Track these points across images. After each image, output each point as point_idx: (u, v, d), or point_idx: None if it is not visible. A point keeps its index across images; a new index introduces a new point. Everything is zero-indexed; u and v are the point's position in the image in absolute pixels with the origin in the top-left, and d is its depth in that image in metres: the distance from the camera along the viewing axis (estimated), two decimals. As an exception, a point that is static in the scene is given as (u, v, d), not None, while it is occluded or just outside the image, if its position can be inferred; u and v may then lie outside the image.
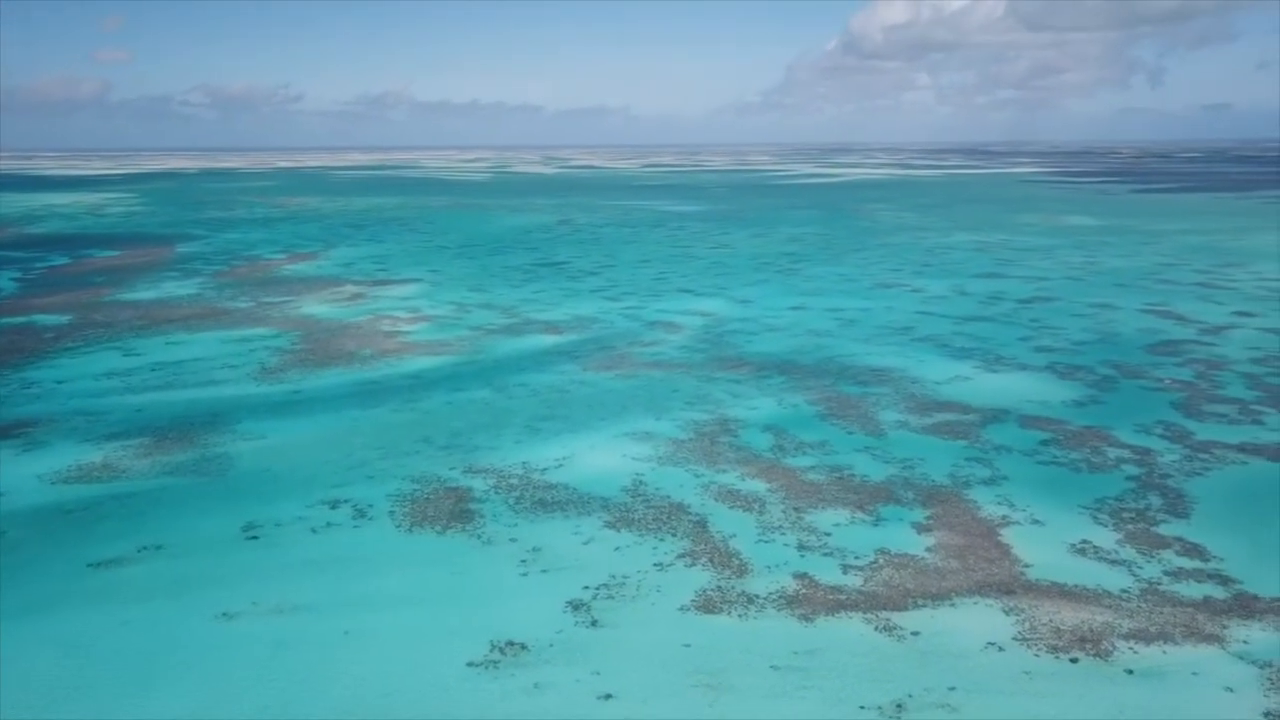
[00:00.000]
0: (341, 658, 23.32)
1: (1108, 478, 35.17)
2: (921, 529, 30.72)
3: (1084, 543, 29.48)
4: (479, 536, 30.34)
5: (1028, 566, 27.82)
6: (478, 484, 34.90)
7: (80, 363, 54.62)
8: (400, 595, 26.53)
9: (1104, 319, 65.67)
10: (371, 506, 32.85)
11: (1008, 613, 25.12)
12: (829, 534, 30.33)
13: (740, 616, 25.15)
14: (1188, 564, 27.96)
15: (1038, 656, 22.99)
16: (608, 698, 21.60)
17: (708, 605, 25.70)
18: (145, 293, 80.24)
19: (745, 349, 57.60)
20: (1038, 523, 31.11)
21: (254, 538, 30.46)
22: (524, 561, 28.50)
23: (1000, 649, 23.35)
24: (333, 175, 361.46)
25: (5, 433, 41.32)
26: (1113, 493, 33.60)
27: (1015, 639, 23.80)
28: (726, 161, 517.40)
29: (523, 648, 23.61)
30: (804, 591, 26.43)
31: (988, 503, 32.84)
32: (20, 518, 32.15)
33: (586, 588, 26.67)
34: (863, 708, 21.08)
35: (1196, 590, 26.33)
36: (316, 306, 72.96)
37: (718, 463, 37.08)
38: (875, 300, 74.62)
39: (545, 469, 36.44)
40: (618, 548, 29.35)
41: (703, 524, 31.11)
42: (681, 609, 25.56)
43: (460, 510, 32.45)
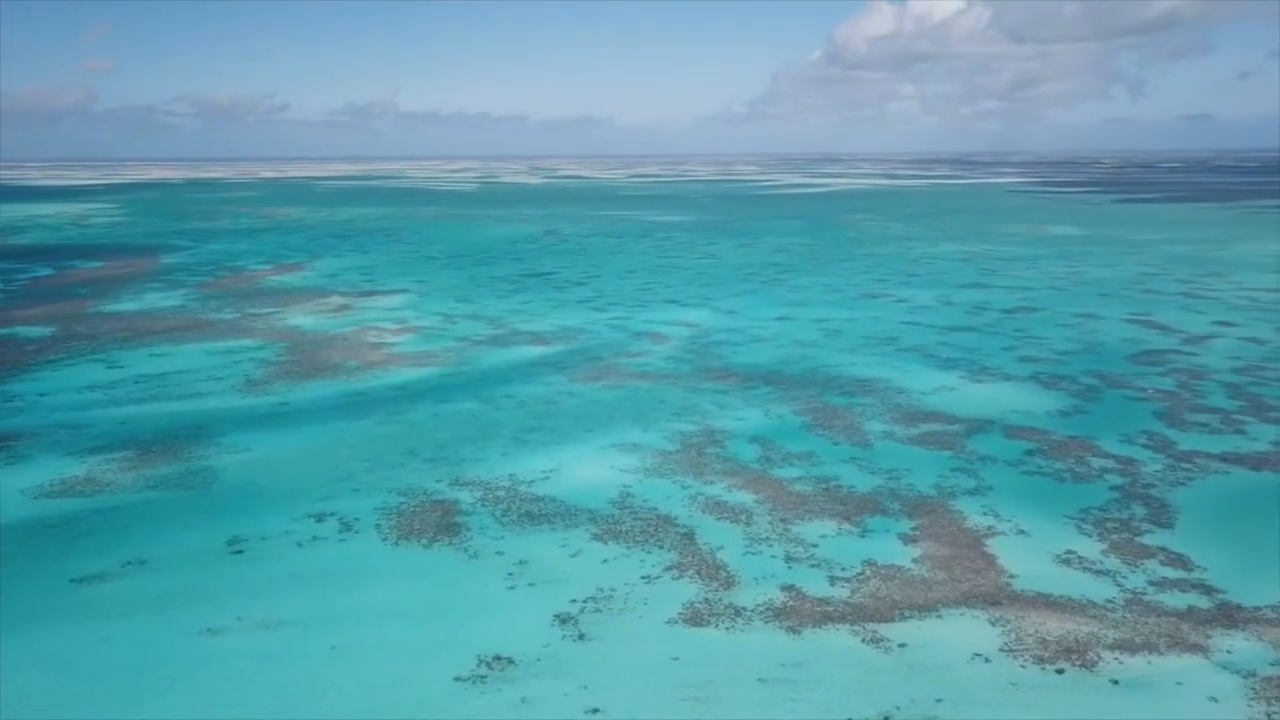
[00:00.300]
0: (328, 673, 23.18)
1: (1092, 488, 35.37)
2: (908, 540, 30.80)
3: (1069, 553, 29.62)
4: (465, 550, 30.25)
5: (1013, 577, 27.93)
6: (464, 496, 34.81)
7: (63, 375, 54.24)
8: (386, 609, 26.40)
9: (1088, 329, 66.11)
10: (358, 520, 32.71)
11: (994, 623, 25.21)
12: (816, 545, 30.38)
13: (728, 629, 25.14)
14: (1172, 574, 28.13)
15: (1024, 667, 23.08)
16: (595, 712, 21.55)
17: (695, 618, 25.69)
18: (129, 304, 79.79)
19: (732, 359, 57.71)
20: (1023, 533, 31.25)
21: (239, 552, 30.28)
22: (511, 575, 28.43)
23: (987, 660, 23.43)
24: (318, 185, 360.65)
25: (-13, 446, 40.97)
26: (1097, 502, 33.79)
27: (1001, 650, 23.88)
28: (712, 171, 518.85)
29: (510, 662, 23.54)
30: (791, 603, 26.45)
31: (973, 513, 32.96)
32: (2, 533, 31.86)
33: (574, 601, 26.61)
34: (850, 720, 21.10)
35: (1180, 600, 26.48)
36: (302, 318, 72.71)
37: (705, 474, 37.10)
38: (861, 310, 74.91)
39: (532, 481, 36.38)
40: (605, 560, 29.32)
41: (690, 536, 31.12)
42: (669, 622, 25.53)
43: (447, 523, 32.35)
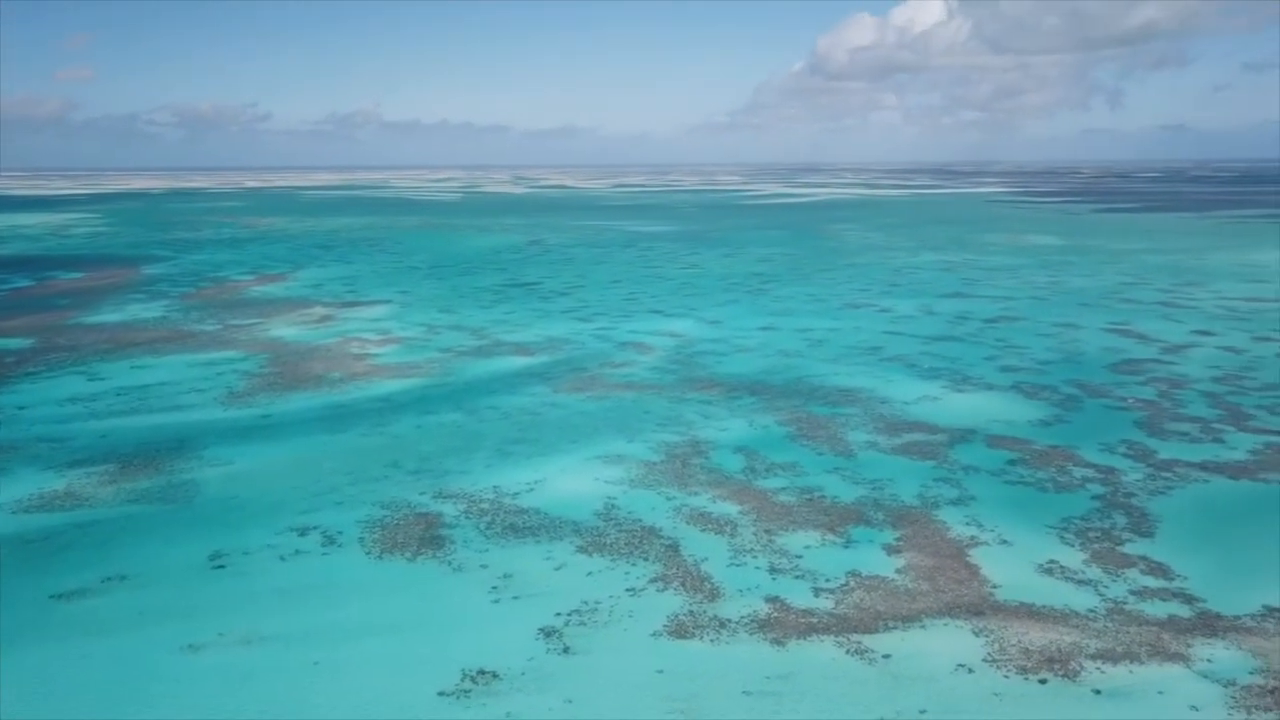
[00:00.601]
0: (310, 689, 23.05)
1: (1073, 497, 35.62)
2: (891, 550, 30.92)
3: (1051, 562, 29.81)
4: (449, 563, 30.16)
5: (996, 587, 28.08)
6: (448, 509, 34.72)
7: (43, 387, 53.79)
8: (370, 624, 26.28)
9: (1068, 338, 66.62)
10: (341, 533, 32.56)
11: (977, 634, 25.32)
12: (800, 556, 30.45)
13: (713, 641, 25.16)
14: (1153, 583, 28.35)
15: (1007, 678, 23.19)
16: (580, 726, 21.49)
17: (680, 630, 25.69)
18: (110, 315, 79.25)
19: (716, 370, 57.83)
20: (1006, 543, 31.43)
21: (221, 567, 30.08)
22: (495, 588, 28.36)
23: (970, 670, 23.53)
24: (301, 195, 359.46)
25: (-35, 460, 40.55)
26: (1079, 512, 34.03)
27: (985, 660, 23.99)
28: (696, 181, 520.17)
29: (494, 676, 23.46)
30: (776, 615, 26.50)
31: (956, 523, 33.13)
32: (-20, 548, 31.52)
33: (558, 614, 26.57)
34: (835, 732, 21.13)
35: (1162, 609, 26.68)
36: (285, 329, 72.39)
37: (689, 485, 37.14)
38: (844, 320, 75.23)
39: (516, 493, 36.32)
40: (590, 573, 29.29)
41: (675, 548, 31.13)
42: (654, 634, 25.53)
43: (430, 536, 32.25)
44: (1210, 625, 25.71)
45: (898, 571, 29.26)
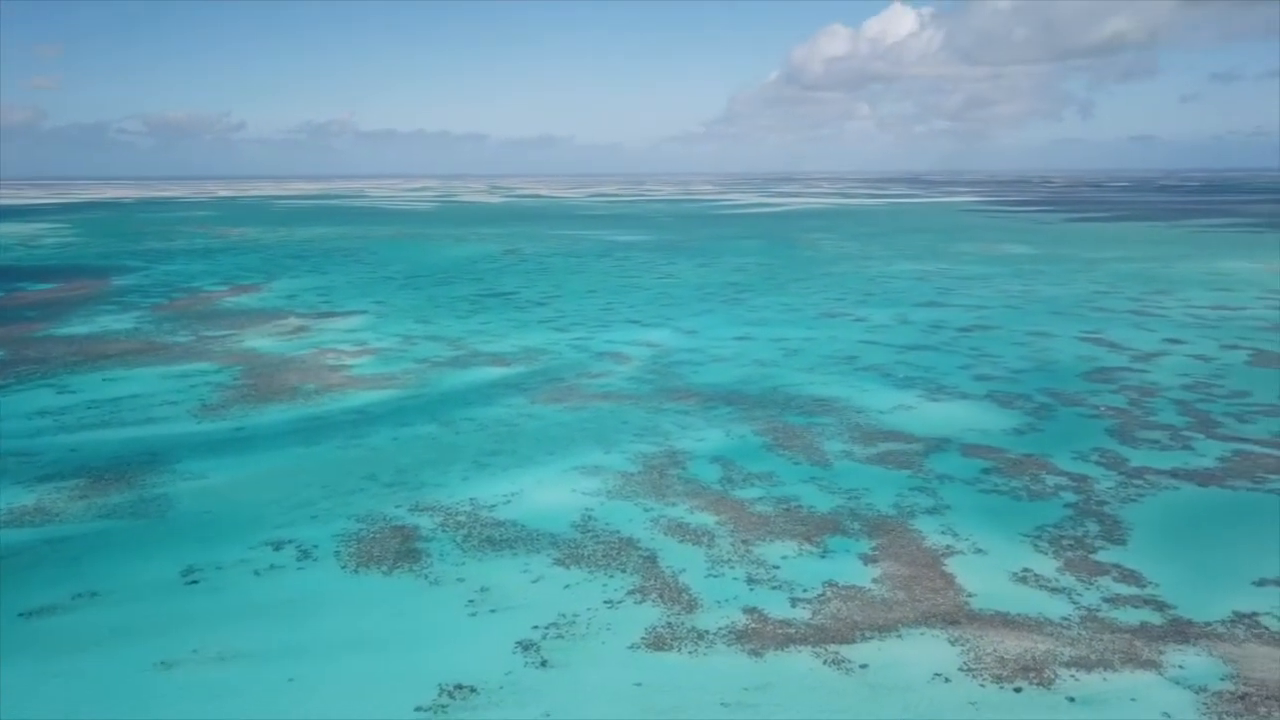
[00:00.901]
0: (286, 706, 22.85)
1: (1047, 505, 35.95)
2: (868, 560, 31.08)
3: (1025, 571, 30.06)
4: (426, 576, 30.01)
5: (972, 596, 28.28)
6: (424, 522, 34.55)
7: (12, 401, 53.07)
8: (346, 639, 26.09)
9: (1041, 347, 67.28)
10: (316, 547, 32.31)
11: (953, 643, 25.49)
12: (777, 567, 30.53)
13: (691, 653, 25.17)
14: (1125, 590, 28.65)
15: (983, 686, 23.35)
16: (558, 740, 21.43)
17: (658, 642, 25.69)
18: (80, 327, 78.34)
19: (692, 380, 57.94)
20: (981, 551, 31.66)
21: (194, 582, 29.77)
22: (472, 601, 28.24)
23: (947, 680, 23.67)
24: (275, 205, 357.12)
25: (-69, 476, 39.92)
26: (1052, 520, 34.35)
27: (961, 669, 24.15)
28: (671, 191, 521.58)
29: (472, 690, 23.36)
30: (754, 626, 26.55)
31: (932, 532, 33.34)
32: (-53, 566, 31.03)
33: (536, 627, 26.50)
34: (813, 743, 21.18)
35: (1134, 616, 26.97)
36: (259, 340, 71.85)
37: (667, 496, 37.17)
38: (819, 330, 75.61)
39: (493, 505, 36.21)
40: (567, 585, 29.23)
41: (652, 559, 31.13)
42: (632, 647, 25.51)
43: (407, 550, 32.08)
44: (1181, 632, 26.02)
45: (874, 581, 29.41)
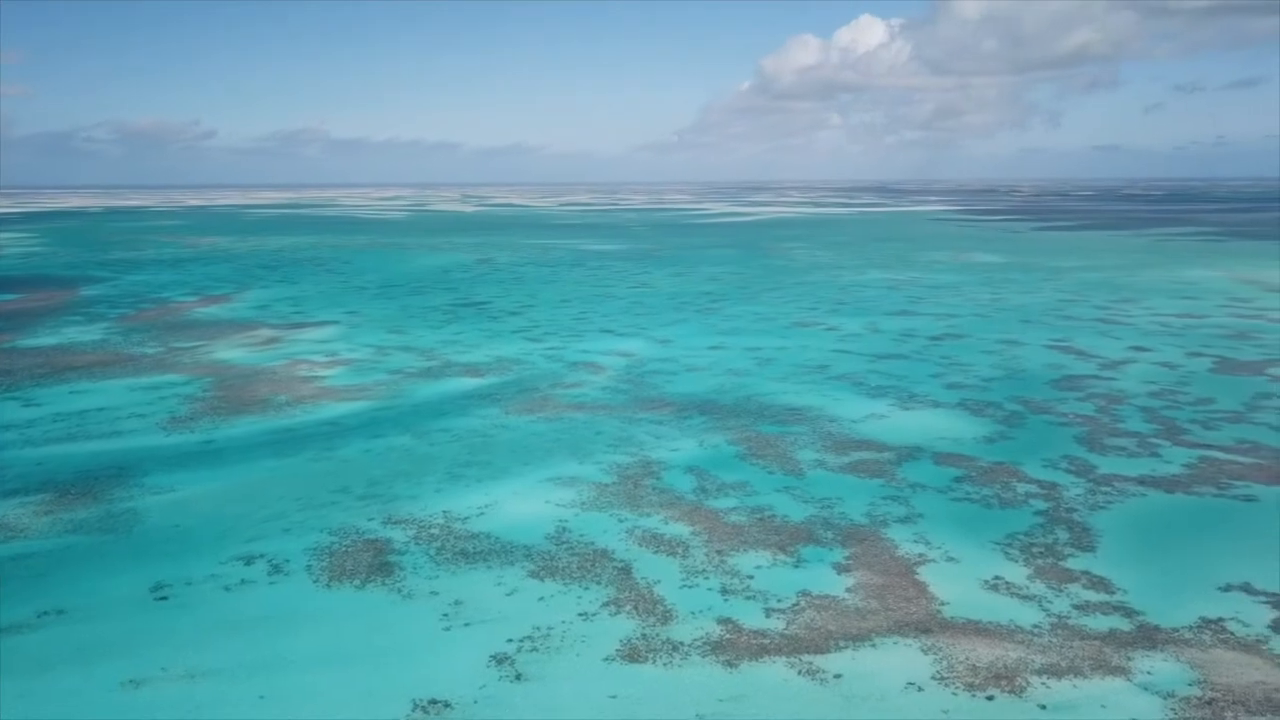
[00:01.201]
0: (257, 723, 22.60)
1: (1018, 513, 36.32)
2: (841, 569, 31.24)
3: (997, 578, 30.35)
4: (399, 590, 29.82)
5: (944, 604, 28.50)
6: (397, 535, 34.35)
7: (-25, 415, 52.20)
8: (318, 655, 25.86)
9: (1011, 355, 68.01)
10: (288, 561, 32.04)
11: (926, 651, 25.67)
12: (751, 577, 30.62)
13: (665, 665, 25.18)
14: (1094, 597, 28.99)
15: (955, 695, 23.53)
16: (534, 754, 21.35)
17: (633, 655, 25.68)
18: (46, 338, 77.25)
19: (666, 389, 58.04)
20: (953, 560, 31.93)
21: (163, 599, 29.41)
22: (446, 615, 28.10)
23: (920, 689, 23.84)
24: (245, 214, 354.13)
25: (-108, 492, 39.19)
26: (1023, 528, 34.70)
27: (934, 678, 24.32)
28: (644, 200, 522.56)
29: (446, 706, 23.23)
30: (728, 637, 26.61)
31: (905, 541, 33.58)
32: (-92, 584, 30.46)
33: (510, 641, 26.41)
34: (788, 754, 21.24)
35: (1103, 623, 27.29)
36: (229, 351, 71.18)
37: (641, 506, 37.19)
38: (792, 339, 76.00)
39: (467, 517, 36.06)
40: (542, 598, 29.16)
41: (627, 570, 31.13)
42: (607, 659, 25.48)
43: (380, 563, 31.87)
44: (1150, 638, 26.36)
45: (848, 590, 29.57)
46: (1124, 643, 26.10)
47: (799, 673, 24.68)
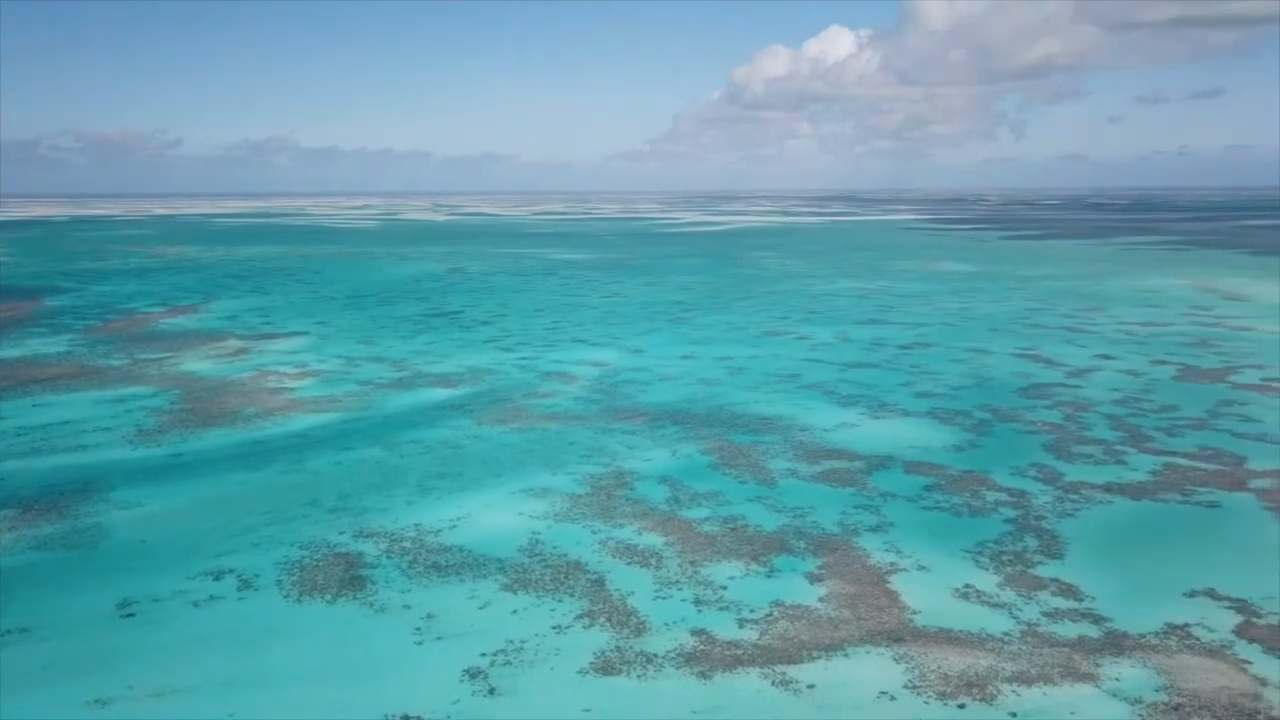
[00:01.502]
0: (227, 742, 22.33)
1: (987, 521, 36.66)
2: (814, 579, 31.38)
3: (967, 587, 30.60)
4: (371, 604, 29.60)
5: (916, 613, 28.70)
6: (369, 548, 34.09)
7: (-65, 429, 51.24)
8: (289, 671, 25.59)
9: (979, 363, 68.69)
10: (257, 576, 31.69)
11: (898, 660, 25.84)
12: (725, 587, 30.68)
13: (639, 677, 25.16)
14: (1063, 604, 29.31)
15: (927, 704, 23.69)
16: (507, 769, 21.25)
17: (607, 667, 25.64)
18: (9, 351, 76.01)
19: (639, 399, 58.08)
20: (924, 568, 32.16)
21: (130, 615, 28.99)
22: (418, 629, 27.92)
23: (892, 698, 23.98)
24: (213, 223, 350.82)
25: None
26: (992, 536, 35.03)
27: (906, 687, 24.48)
28: (616, 209, 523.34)
29: (419, 721, 23.06)
30: (702, 648, 26.63)
31: (876, 550, 33.79)
32: None
33: (484, 654, 26.28)
34: (762, 765, 21.29)
35: (1072, 630, 27.60)
36: (197, 363, 70.40)
37: (614, 517, 37.17)
38: (763, 348, 76.33)
39: (439, 530, 35.87)
40: (515, 611, 29.06)
41: (600, 582, 31.09)
42: (580, 672, 25.42)
43: (351, 577, 31.61)
44: (1117, 644, 26.68)
45: (820, 600, 29.70)
46: (1092, 649, 26.41)
47: (772, 683, 24.75)
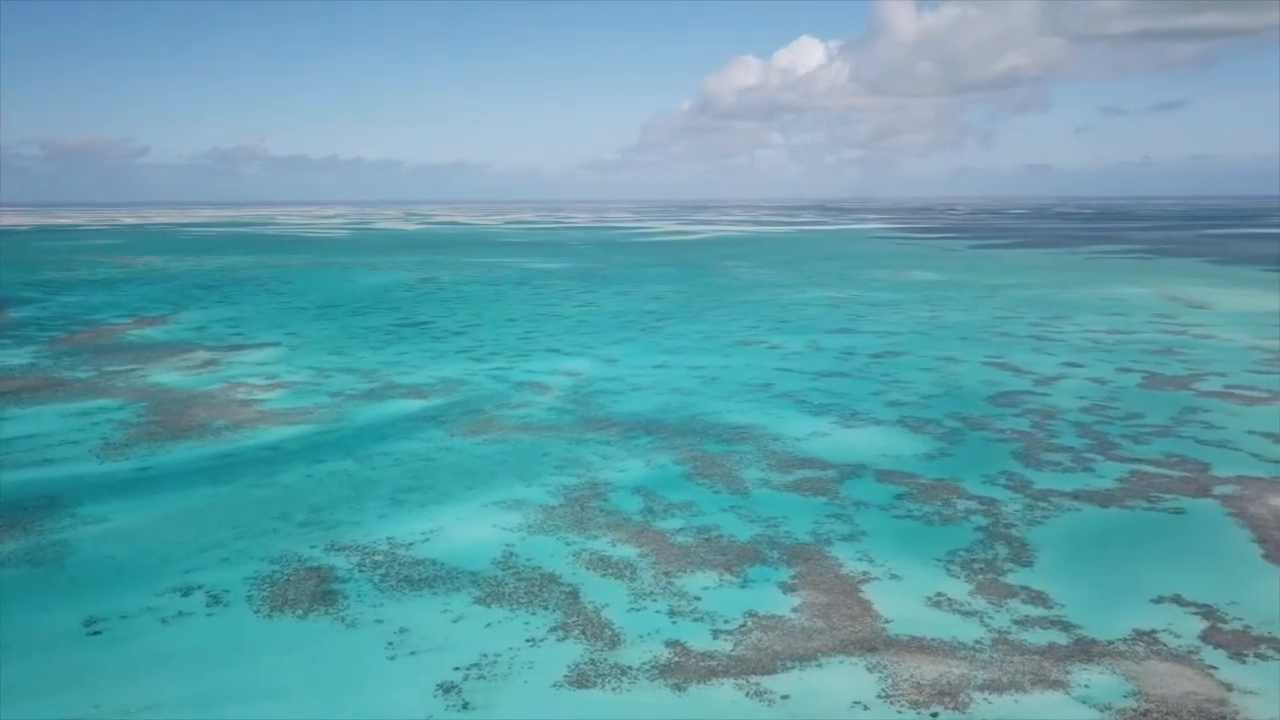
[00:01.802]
0: (196, 761, 22.06)
1: (958, 529, 36.99)
2: (787, 589, 31.51)
3: (939, 595, 30.86)
4: (343, 619, 29.36)
5: (889, 622, 28.89)
6: (340, 562, 33.83)
7: (-105, 444, 50.28)
8: (260, 688, 25.32)
9: (949, 372, 69.33)
10: (227, 592, 31.36)
11: (871, 670, 25.99)
12: (699, 598, 30.74)
13: (614, 690, 25.14)
14: (1033, 612, 29.62)
15: (900, 713, 23.85)
16: (482, 785, 21.15)
17: (581, 680, 25.59)
18: (-30, 363, 74.72)
19: (613, 409, 58.09)
20: (896, 577, 32.39)
21: (96, 633, 28.57)
22: (391, 644, 27.73)
23: (866, 708, 24.11)
24: (182, 233, 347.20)
25: None
26: (963, 544, 35.34)
27: (879, 696, 24.63)
28: (588, 218, 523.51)
29: (392, 737, 22.90)
30: (676, 660, 26.66)
31: (849, 559, 34.00)
32: None
33: (457, 669, 26.15)
34: (737, 777, 21.33)
35: (1042, 637, 27.90)
36: (165, 375, 69.58)
37: (588, 529, 37.13)
38: (735, 358, 76.61)
39: (412, 543, 35.66)
40: (488, 624, 28.94)
41: (575, 594, 31.04)
42: (555, 685, 25.36)
43: (322, 592, 31.36)
44: (1086, 651, 27.00)
45: (794, 610, 29.83)
46: (1062, 656, 26.71)
47: (746, 694, 24.82)
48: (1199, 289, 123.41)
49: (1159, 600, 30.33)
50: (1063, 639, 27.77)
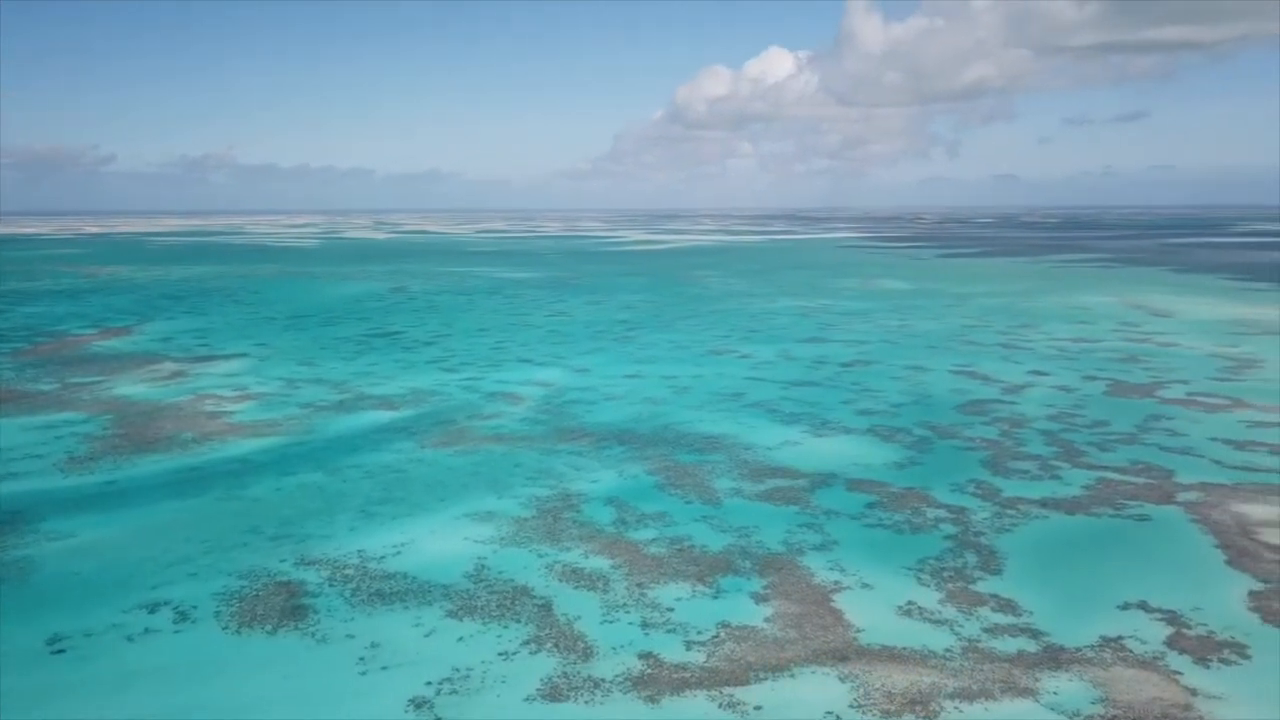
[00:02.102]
0: (164, 781, 21.76)
1: (928, 538, 37.29)
2: (760, 599, 31.61)
3: (910, 604, 31.09)
4: (313, 634, 29.10)
5: (860, 631, 29.07)
6: (311, 576, 33.53)
7: None
8: (229, 705, 25.02)
9: (918, 380, 69.93)
10: (195, 608, 30.97)
11: (843, 680, 26.13)
12: (671, 609, 30.76)
13: (587, 702, 25.09)
14: (1003, 619, 29.92)
15: (872, 722, 23.99)
16: (454, 800, 21.02)
17: (554, 693, 25.53)
18: (-70, 376, 73.35)
19: (585, 419, 58.04)
20: (867, 586, 32.60)
21: (60, 651, 28.11)
22: (362, 659, 27.52)
23: (838, 718, 24.23)
24: (148, 242, 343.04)
25: None
26: (933, 552, 35.64)
27: (851, 706, 24.76)
28: (559, 227, 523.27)
29: (363, 753, 22.72)
30: (649, 672, 26.65)
31: (820, 568, 34.17)
32: None
33: (429, 683, 25.99)
34: (710, 788, 21.36)
35: (1011, 645, 28.18)
36: (131, 387, 68.68)
37: (561, 540, 37.06)
38: (706, 367, 76.83)
39: (383, 556, 35.41)
40: (461, 638, 28.80)
41: (547, 607, 30.96)
42: (528, 699, 25.28)
43: (292, 606, 31.05)
44: (1055, 658, 27.31)
45: (766, 620, 29.93)
46: (1031, 664, 27.00)
47: (719, 705, 24.86)
48: (1162, 297, 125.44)
49: (1125, 606, 30.74)
50: (1031, 646, 28.07)
